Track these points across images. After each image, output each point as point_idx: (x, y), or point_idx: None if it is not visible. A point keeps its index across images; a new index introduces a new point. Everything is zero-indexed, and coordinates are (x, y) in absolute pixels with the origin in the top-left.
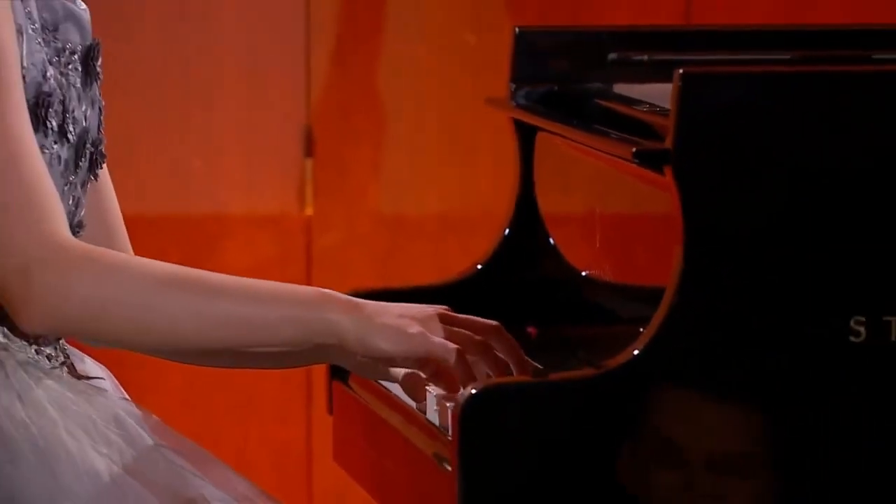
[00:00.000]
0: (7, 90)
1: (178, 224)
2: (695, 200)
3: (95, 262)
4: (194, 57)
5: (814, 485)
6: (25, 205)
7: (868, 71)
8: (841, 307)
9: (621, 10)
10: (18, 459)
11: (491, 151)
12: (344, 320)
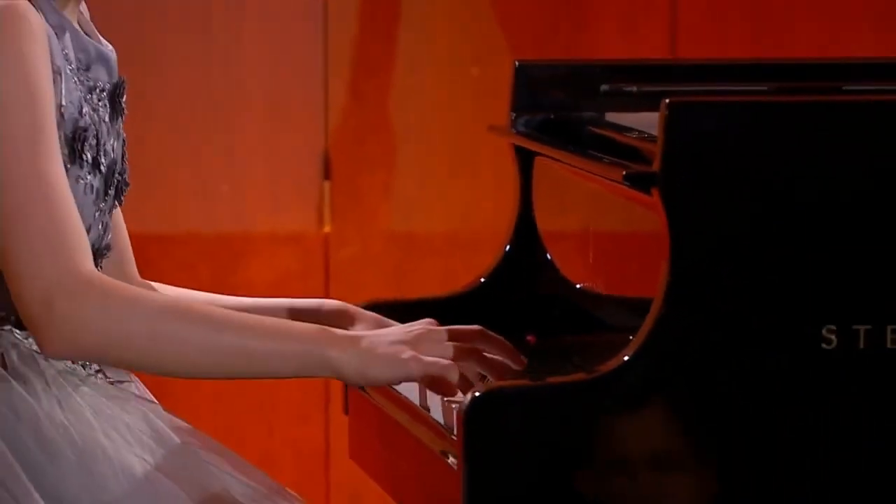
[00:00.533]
0: (42, 134)
1: (207, 241)
2: (680, 219)
3: (113, 296)
4: (221, 89)
5: (791, 478)
6: (53, 239)
7: (838, 101)
8: (813, 317)
9: (612, 45)
10: (59, 460)
11: (493, 174)
12: (342, 357)
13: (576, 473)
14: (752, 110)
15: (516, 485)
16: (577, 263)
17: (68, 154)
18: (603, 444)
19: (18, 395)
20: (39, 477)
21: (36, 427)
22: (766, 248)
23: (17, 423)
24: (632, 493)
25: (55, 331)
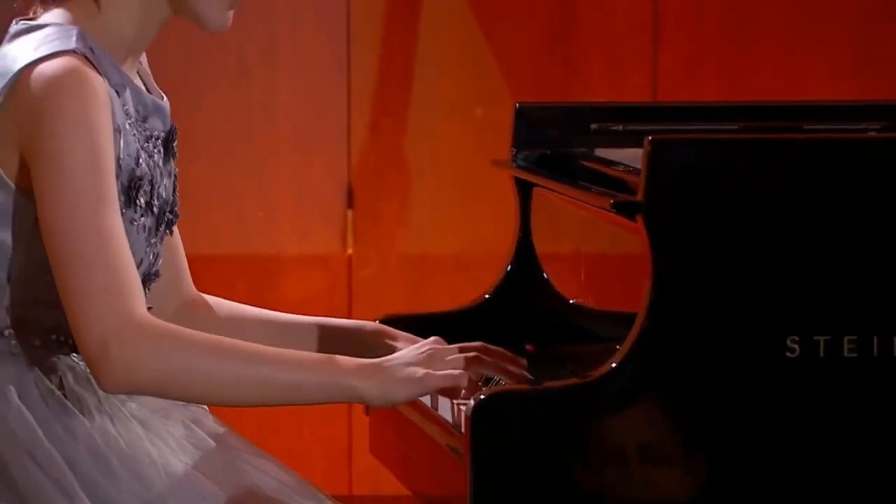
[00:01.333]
0: (103, 191)
1: (243, 262)
2: (661, 243)
3: (163, 339)
4: (257, 129)
5: (762, 469)
6: (109, 287)
7: (798, 139)
8: (779, 328)
9: (601, 89)
10: (109, 469)
11: (496, 203)
12: (365, 385)
13: (569, 466)
14: (724, 147)
15: (516, 476)
16: (571, 282)
17: (124, 200)
18: (593, 440)
19: (74, 416)
20: (92, 485)
21: (89, 443)
22: (736, 267)
23: (72, 441)
24: (618, 483)
25: (110, 370)
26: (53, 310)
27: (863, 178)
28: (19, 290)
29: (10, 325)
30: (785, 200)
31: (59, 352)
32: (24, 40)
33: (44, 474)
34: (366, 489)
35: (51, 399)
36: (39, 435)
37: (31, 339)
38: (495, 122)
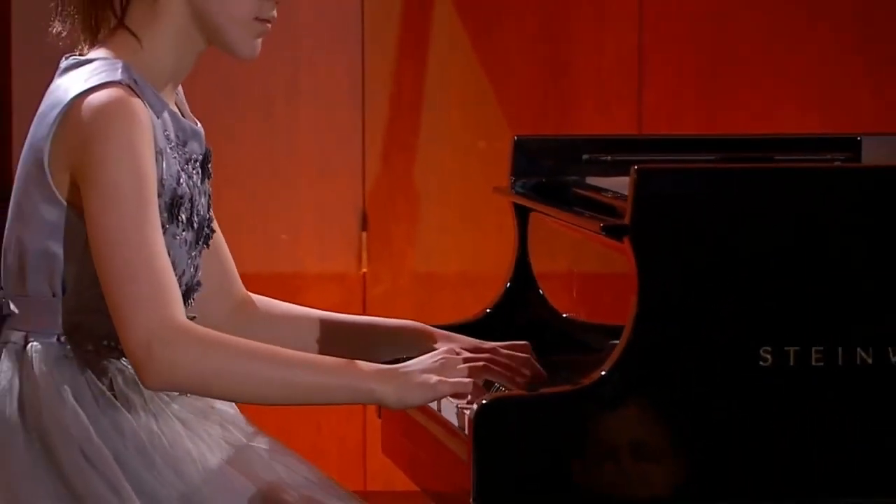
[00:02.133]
0: (146, 209)
1: (269, 279)
2: (646, 262)
3: (200, 342)
4: (281, 158)
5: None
6: (153, 295)
7: (770, 168)
8: (753, 340)
9: (591, 123)
10: (152, 464)
11: (496, 227)
12: (383, 389)
13: (562, 464)
14: (703, 175)
15: (515, 473)
16: (564, 297)
17: (167, 217)
18: (584, 440)
19: (122, 415)
20: (137, 479)
21: (135, 440)
22: (714, 284)
23: (120, 437)
24: (606, 479)
25: (153, 371)
26: (104, 318)
27: (827, 203)
28: (73, 300)
29: (65, 331)
30: (757, 224)
31: (110, 356)
32: (74, 73)
33: (93, 468)
34: (379, 485)
35: (101, 399)
36: (91, 432)
37: (84, 344)
38: (496, 154)
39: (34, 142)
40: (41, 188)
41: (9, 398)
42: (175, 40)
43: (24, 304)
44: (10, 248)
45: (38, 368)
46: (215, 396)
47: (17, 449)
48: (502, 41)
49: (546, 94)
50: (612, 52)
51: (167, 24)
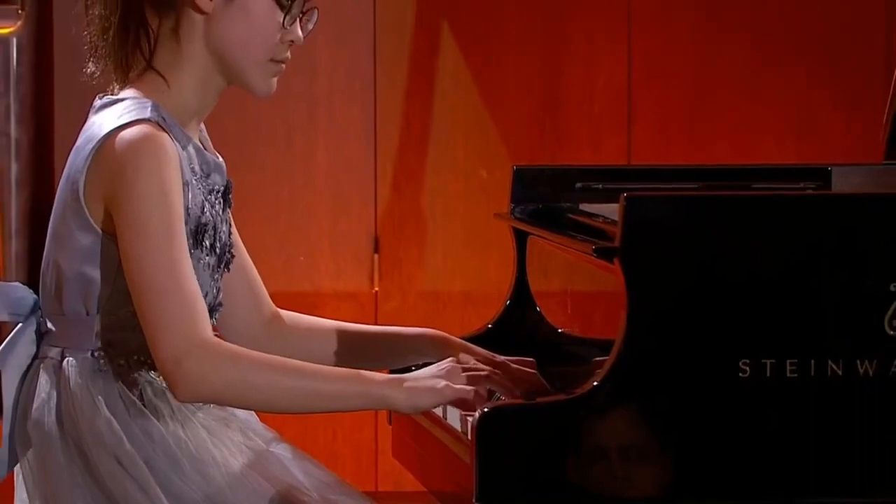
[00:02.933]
0: (174, 235)
1: (288, 297)
2: (634, 282)
3: (225, 357)
4: (299, 187)
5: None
6: (181, 315)
7: (748, 196)
8: (732, 353)
9: (584, 154)
10: (180, 468)
11: (498, 249)
12: (394, 393)
13: (558, 466)
14: (687, 202)
15: (514, 475)
16: (559, 314)
17: (192, 243)
18: (578, 445)
19: (152, 423)
20: (166, 482)
21: (164, 446)
22: (697, 302)
23: (150, 443)
24: (597, 480)
25: (182, 384)
26: (135, 335)
27: (800, 228)
28: (106, 318)
29: (100, 347)
30: (737, 247)
31: (140, 369)
32: (107, 111)
33: (125, 472)
34: (389, 486)
35: (133, 409)
36: (123, 439)
37: (117, 359)
38: (497, 182)
39: (71, 173)
40: (77, 216)
41: (47, 408)
42: (198, 80)
43: (61, 322)
44: (48, 271)
45: (73, 381)
46: (239, 406)
47: (56, 455)
48: (502, 79)
49: (542, 127)
50: (603, 90)
51: (191, 66)
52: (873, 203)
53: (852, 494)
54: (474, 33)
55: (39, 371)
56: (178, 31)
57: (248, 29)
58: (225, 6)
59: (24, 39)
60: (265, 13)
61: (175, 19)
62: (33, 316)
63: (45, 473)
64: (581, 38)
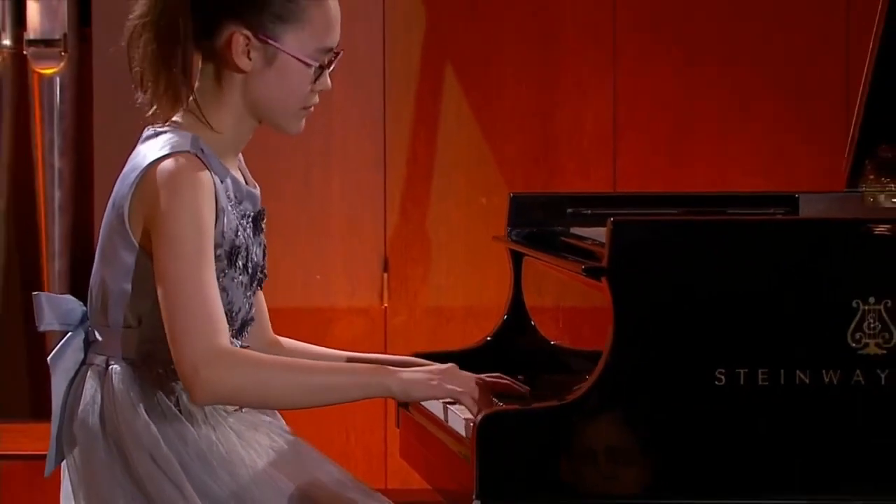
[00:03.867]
0: (202, 255)
1: (306, 313)
2: (620, 298)
3: (239, 363)
4: (317, 214)
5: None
6: (203, 326)
7: (723, 220)
8: (710, 363)
9: (574, 183)
10: (211, 469)
11: (496, 269)
12: (390, 382)
13: (551, 465)
14: (668, 226)
15: (511, 473)
16: (552, 327)
17: (227, 263)
18: (569, 446)
19: (186, 427)
20: (198, 481)
21: (197, 448)
22: (677, 316)
23: (184, 445)
24: (587, 478)
25: (199, 387)
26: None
27: (771, 250)
28: (147, 331)
29: (139, 356)
30: (714, 266)
31: (176, 378)
32: (152, 142)
33: (161, 472)
34: (397, 484)
35: (169, 413)
36: (160, 441)
37: (156, 367)
38: (495, 209)
39: (117, 199)
40: (122, 237)
41: (91, 410)
42: (235, 120)
43: (106, 332)
44: (96, 287)
45: (116, 387)
46: (256, 406)
47: (99, 453)
48: (500, 117)
49: (536, 159)
50: (591, 126)
51: (229, 108)
52: (836, 227)
53: (818, 492)
54: (474, 76)
55: (86, 376)
56: (219, 79)
57: (284, 87)
58: (263, 68)
59: (67, 79)
60: (299, 73)
61: (218, 68)
62: (81, 326)
63: (88, 470)
64: (571, 80)
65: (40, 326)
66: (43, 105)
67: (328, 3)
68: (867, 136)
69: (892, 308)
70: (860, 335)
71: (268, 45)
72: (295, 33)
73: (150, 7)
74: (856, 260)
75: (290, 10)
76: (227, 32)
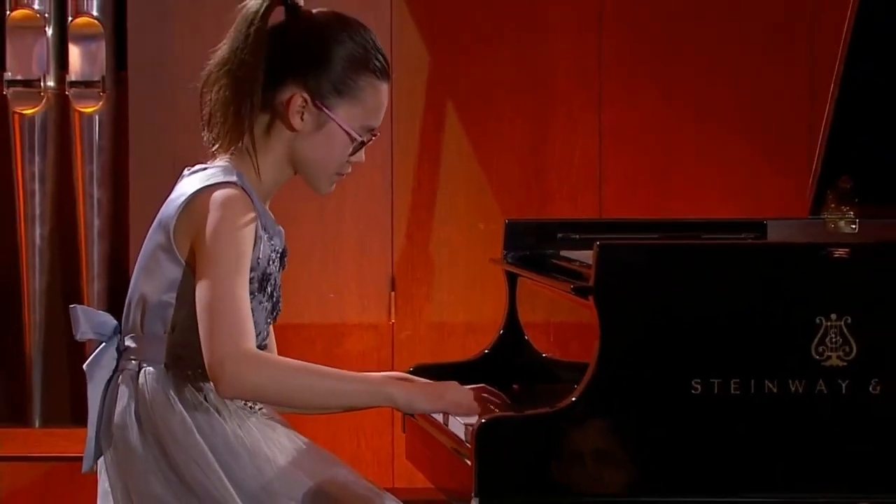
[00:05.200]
0: (239, 274)
1: (321, 328)
2: (606, 315)
3: (262, 363)
4: (331, 238)
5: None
6: (231, 329)
7: (700, 244)
8: (687, 373)
9: (563, 210)
10: (238, 460)
11: (493, 288)
12: (397, 393)
13: (542, 466)
14: (649, 249)
15: (506, 475)
16: (543, 341)
17: (258, 286)
18: (559, 449)
19: (215, 418)
20: (227, 470)
21: (225, 439)
22: (658, 331)
23: (214, 435)
24: (576, 478)
25: (224, 381)
26: (201, 353)
27: (742, 271)
28: (179, 337)
29: (170, 361)
30: (691, 285)
31: (204, 379)
32: (196, 176)
33: (194, 461)
34: (404, 483)
35: (200, 408)
36: (193, 430)
37: (185, 370)
38: (492, 233)
39: (163, 219)
40: (167, 253)
41: (127, 411)
42: (276, 167)
43: (140, 340)
44: (135, 299)
45: (151, 386)
46: (275, 403)
47: (135, 447)
48: (496, 149)
49: (529, 188)
50: (579, 158)
51: (273, 156)
52: (801, 251)
53: (783, 490)
54: (473, 114)
55: (119, 381)
56: (270, 130)
57: (326, 152)
58: (312, 131)
59: (105, 117)
60: (343, 142)
61: (271, 120)
62: (115, 337)
63: (126, 463)
64: (561, 117)
65: (77, 335)
66: (83, 141)
67: (382, 88)
68: (828, 168)
69: (851, 324)
70: (823, 349)
71: (321, 112)
72: (348, 107)
73: (230, 57)
74: (818, 280)
75: (349, 86)
76: (289, 92)
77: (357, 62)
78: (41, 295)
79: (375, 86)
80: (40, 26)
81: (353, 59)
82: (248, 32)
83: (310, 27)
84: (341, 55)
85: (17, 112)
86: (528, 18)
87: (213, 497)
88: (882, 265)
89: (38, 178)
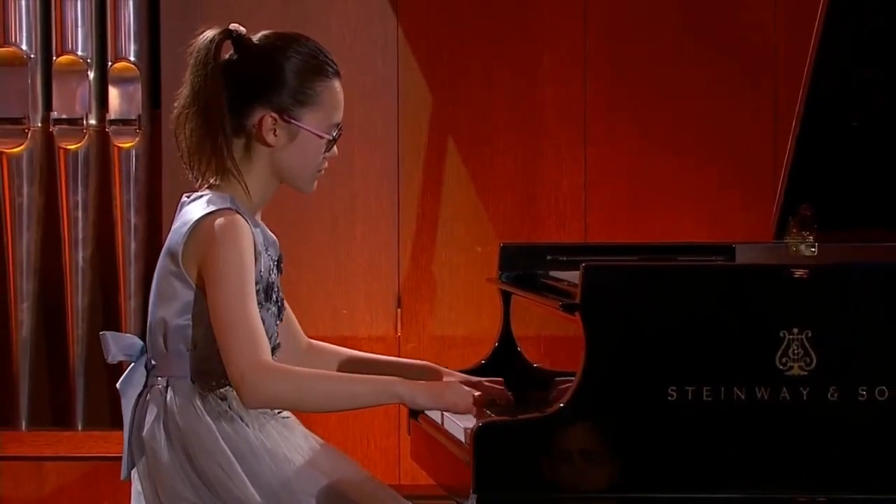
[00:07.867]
0: (245, 289)
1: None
2: (591, 329)
3: (278, 374)
4: (343, 258)
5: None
6: (247, 343)
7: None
8: (664, 382)
9: (553, 235)
10: (259, 461)
11: (489, 305)
12: (402, 390)
13: (534, 466)
14: (630, 270)
15: (501, 473)
16: (534, 353)
17: (264, 297)
18: (549, 450)
19: (238, 424)
20: (249, 471)
21: (247, 443)
22: (638, 344)
23: (236, 438)
24: (565, 476)
25: (247, 394)
26: (221, 365)
27: (713, 289)
28: (201, 352)
29: (195, 375)
30: (667, 302)
31: (228, 387)
32: (196, 203)
33: (217, 464)
34: (409, 481)
35: (224, 416)
36: (218, 437)
37: (209, 381)
38: (488, 255)
39: (171, 246)
40: (178, 278)
41: (157, 423)
42: (262, 184)
43: (165, 359)
44: (155, 324)
45: (177, 400)
46: (292, 409)
47: (164, 455)
48: (492, 180)
49: (522, 215)
50: (567, 188)
51: (257, 173)
52: (766, 271)
53: (750, 487)
54: (471, 148)
55: (148, 398)
56: (249, 151)
57: (304, 159)
58: (286, 143)
59: (141, 150)
60: (316, 145)
61: (248, 143)
62: (143, 356)
63: (156, 470)
64: (550, 151)
65: (108, 358)
66: (121, 172)
67: (336, 86)
68: (790, 198)
69: (812, 337)
70: (786, 359)
71: (291, 125)
72: (312, 113)
73: (194, 98)
74: (782, 298)
75: (308, 95)
76: (258, 114)
77: (309, 71)
78: (84, 311)
79: (330, 86)
80: (83, 70)
81: (305, 70)
82: (205, 73)
83: (259, 53)
84: (293, 70)
85: (63, 147)
86: (520, 64)
87: (237, 497)
88: (838, 284)
89: (80, 206)
